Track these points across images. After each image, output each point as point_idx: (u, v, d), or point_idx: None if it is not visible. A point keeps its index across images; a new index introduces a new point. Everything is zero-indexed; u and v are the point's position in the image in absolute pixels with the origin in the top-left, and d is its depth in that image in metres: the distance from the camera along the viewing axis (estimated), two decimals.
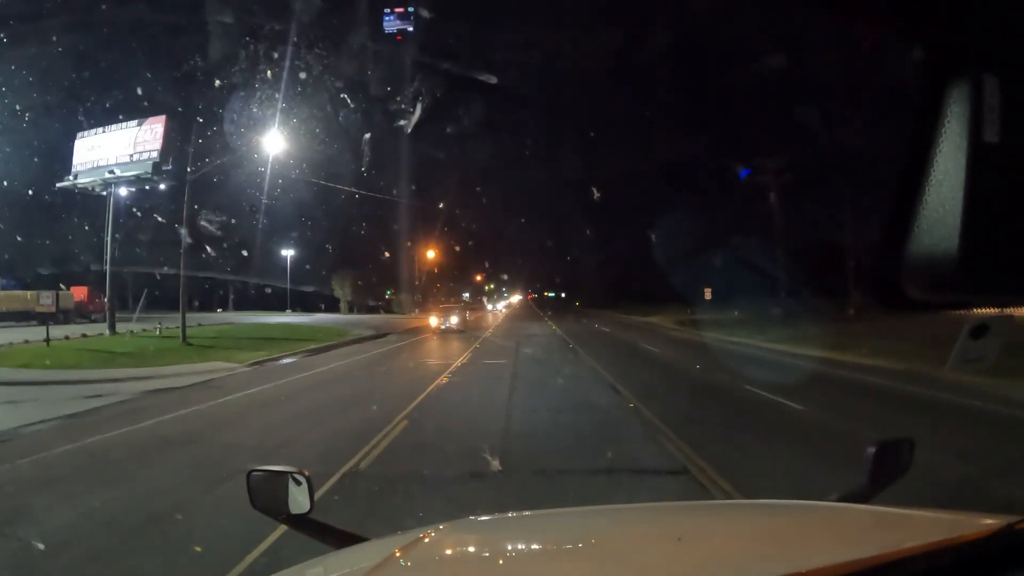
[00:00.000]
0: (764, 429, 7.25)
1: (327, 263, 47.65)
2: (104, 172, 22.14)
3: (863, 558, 1.05)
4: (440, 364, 14.62)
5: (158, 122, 21.79)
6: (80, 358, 15.66)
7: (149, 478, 5.59)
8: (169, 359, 15.74)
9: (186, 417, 8.63)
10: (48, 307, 18.96)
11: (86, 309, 31.98)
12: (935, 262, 1.11)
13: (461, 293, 67.94)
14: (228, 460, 6.02)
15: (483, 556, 1.56)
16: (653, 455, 6.06)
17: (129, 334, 21.95)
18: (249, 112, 22.12)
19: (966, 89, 1.13)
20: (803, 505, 1.84)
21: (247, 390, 11.08)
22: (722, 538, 1.56)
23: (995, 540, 1.07)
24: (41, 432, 7.80)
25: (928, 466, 2.96)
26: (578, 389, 10.70)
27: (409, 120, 24.85)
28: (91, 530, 4.26)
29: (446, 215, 52.55)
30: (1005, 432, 7.19)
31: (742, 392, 10.06)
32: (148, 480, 5.52)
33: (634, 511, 2.16)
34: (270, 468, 1.66)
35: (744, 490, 4.67)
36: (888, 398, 9.65)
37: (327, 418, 8.41)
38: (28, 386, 11.73)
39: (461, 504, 4.55)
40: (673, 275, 34.99)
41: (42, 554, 3.89)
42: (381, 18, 17.59)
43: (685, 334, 24.86)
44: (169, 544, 4.03)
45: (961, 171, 1.11)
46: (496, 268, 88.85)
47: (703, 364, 14.28)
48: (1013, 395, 8.48)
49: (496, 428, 7.29)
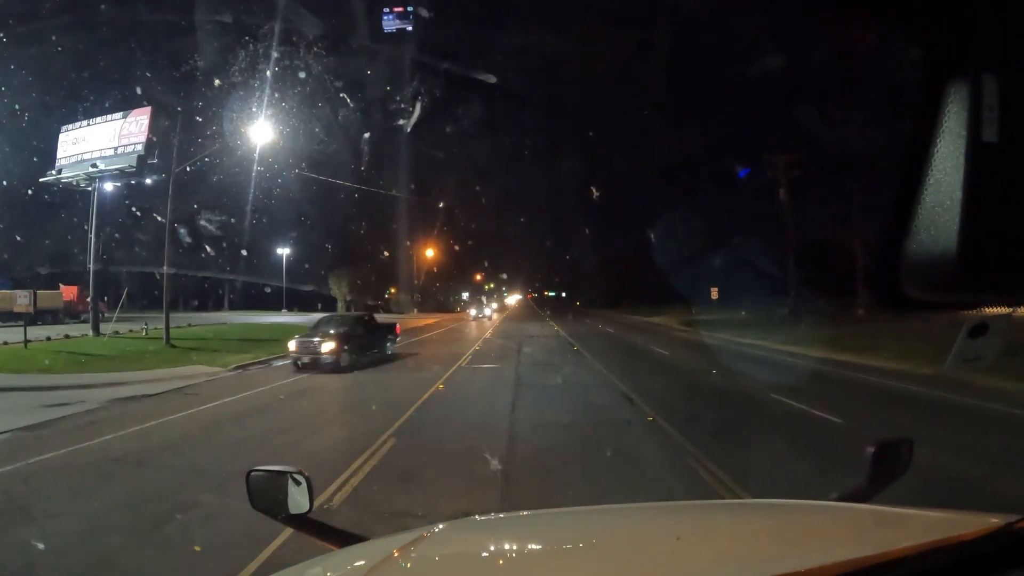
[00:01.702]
0: (805, 448, 6.32)
1: (325, 262, 46.98)
2: (88, 166, 21.28)
3: (862, 557, 1.05)
4: (436, 369, 13.63)
5: (143, 114, 20.92)
6: (55, 361, 14.79)
7: (79, 513, 4.63)
8: (149, 363, 14.86)
9: (148, 432, 7.69)
10: (25, 307, 17.92)
11: (75, 309, 31.15)
12: (934, 261, 1.11)
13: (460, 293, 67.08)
14: (179, 491, 5.08)
15: (483, 556, 1.54)
16: (688, 488, 5.10)
17: (113, 335, 21.09)
18: (246, 110, 21.50)
19: (965, 88, 1.12)
20: (802, 505, 1.84)
21: (223, 399, 10.14)
22: (721, 537, 1.55)
23: (994, 539, 1.08)
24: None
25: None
26: (588, 400, 9.75)
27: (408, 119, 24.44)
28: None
29: (445, 214, 52.01)
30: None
31: (768, 401, 9.11)
32: (77, 517, 4.56)
33: (634, 511, 2.11)
34: (270, 468, 1.65)
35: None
36: (929, 407, 8.71)
37: (303, 435, 7.47)
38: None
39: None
40: (675, 275, 34.28)
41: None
42: (380, 17, 17.30)
43: (693, 335, 23.93)
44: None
45: (960, 171, 1.10)
46: (496, 268, 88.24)
47: (718, 369, 13.34)
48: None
49: (497, 448, 6.31)
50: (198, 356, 16.16)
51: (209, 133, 22.32)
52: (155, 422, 8.25)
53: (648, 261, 40.15)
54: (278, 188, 31.15)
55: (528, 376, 12.58)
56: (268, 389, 11.31)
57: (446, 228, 53.84)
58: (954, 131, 1.12)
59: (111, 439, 7.25)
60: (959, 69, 1.15)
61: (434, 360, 15.71)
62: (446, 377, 12.34)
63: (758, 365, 13.72)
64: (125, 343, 19.04)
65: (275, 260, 45.58)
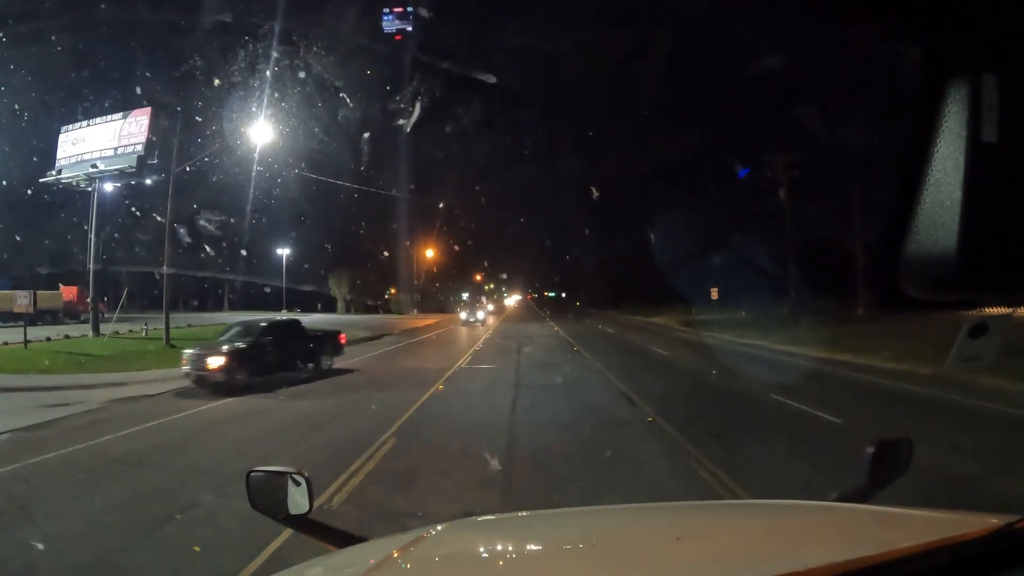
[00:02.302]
0: (805, 448, 6.30)
1: (325, 262, 46.96)
2: (88, 166, 21.26)
3: (862, 557, 1.05)
4: (435, 370, 13.63)
5: (143, 114, 20.89)
6: (55, 361, 14.81)
7: (79, 513, 4.63)
8: (148, 363, 14.88)
9: (147, 432, 7.69)
10: (25, 307, 17.89)
11: (75, 309, 31.14)
12: (934, 261, 1.11)
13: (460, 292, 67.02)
14: (179, 491, 5.08)
15: (482, 556, 1.55)
16: (688, 488, 5.09)
17: (113, 335, 21.08)
18: (246, 110, 21.53)
19: (965, 88, 1.12)
20: (802, 505, 1.83)
21: (224, 399, 10.13)
22: (721, 537, 1.55)
23: (994, 539, 1.08)
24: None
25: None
26: (588, 399, 9.76)
27: (408, 119, 24.40)
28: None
29: (445, 214, 51.89)
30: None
31: (768, 401, 9.10)
32: (77, 516, 4.56)
33: (633, 511, 2.10)
34: (269, 469, 1.65)
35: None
36: (929, 407, 8.70)
37: (303, 434, 7.48)
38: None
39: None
40: (675, 275, 34.22)
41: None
42: (380, 17, 17.37)
43: (693, 336, 23.91)
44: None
45: (960, 171, 1.10)
46: (495, 268, 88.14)
47: (718, 369, 13.33)
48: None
49: (498, 446, 6.32)
50: None
51: (209, 133, 22.37)
52: (155, 422, 8.26)
53: (648, 261, 40.05)
54: (278, 188, 31.17)
55: (527, 376, 12.58)
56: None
57: (446, 228, 53.79)
58: (954, 131, 1.12)
59: (111, 439, 7.26)
60: (959, 69, 1.15)
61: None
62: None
63: (758, 365, 13.68)
64: (125, 343, 19.04)
65: (275, 260, 45.54)
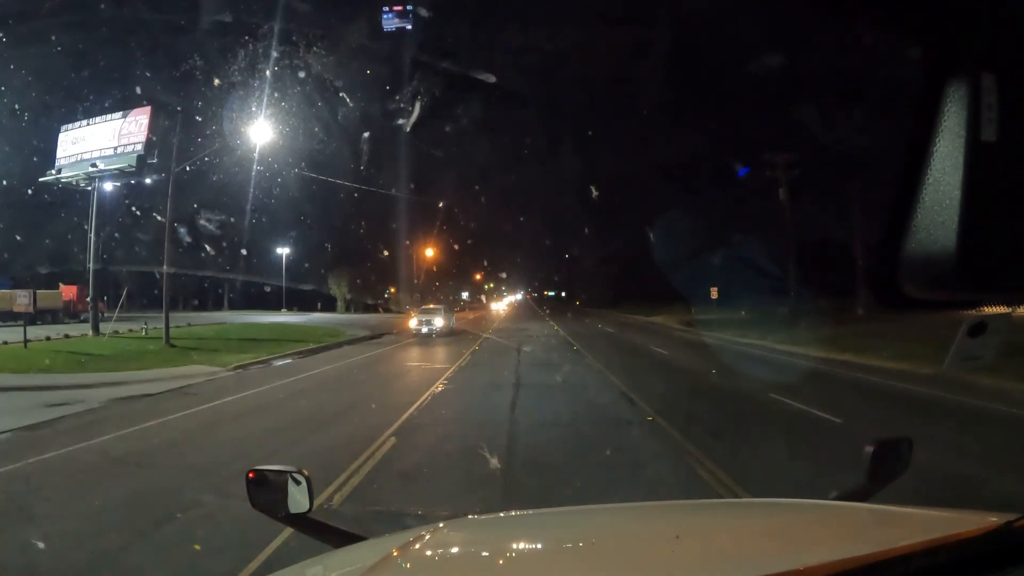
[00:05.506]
0: (805, 447, 6.30)
1: (325, 261, 46.93)
2: (87, 166, 21.29)
3: (862, 555, 1.04)
4: (435, 369, 13.63)
5: (143, 113, 20.91)
6: (55, 361, 14.79)
7: (79, 513, 4.62)
8: (148, 362, 14.86)
9: (148, 431, 7.69)
10: (25, 307, 17.89)
11: (75, 309, 31.13)
12: (934, 261, 1.11)
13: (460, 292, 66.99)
14: (178, 491, 5.08)
15: (482, 555, 1.54)
16: (688, 488, 5.09)
17: (113, 335, 21.09)
18: (246, 109, 21.49)
19: (964, 88, 1.12)
20: (802, 503, 1.84)
21: (224, 398, 10.15)
22: (721, 536, 1.55)
23: (994, 538, 1.08)
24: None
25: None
26: (588, 399, 9.76)
27: (408, 118, 24.37)
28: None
29: (445, 213, 51.81)
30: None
31: (768, 401, 9.11)
32: (77, 516, 4.55)
33: (633, 510, 2.11)
34: (269, 468, 1.64)
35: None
36: (929, 407, 8.71)
37: (304, 434, 7.47)
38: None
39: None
40: (675, 274, 34.22)
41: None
42: (380, 16, 17.25)
43: (693, 335, 23.90)
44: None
45: (959, 170, 1.10)
46: (495, 267, 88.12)
47: (718, 368, 13.33)
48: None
49: (498, 445, 6.31)
50: (198, 356, 16.15)
51: (209, 133, 22.32)
52: (155, 422, 8.25)
53: (648, 260, 40.11)
54: (278, 187, 31.12)
55: (528, 375, 12.57)
56: (266, 389, 11.32)
57: (446, 227, 53.71)
58: (953, 131, 1.12)
59: (111, 439, 7.25)
60: (959, 69, 1.15)
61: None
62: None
63: (758, 365, 13.69)
64: (125, 343, 19.02)
65: (275, 259, 45.58)
